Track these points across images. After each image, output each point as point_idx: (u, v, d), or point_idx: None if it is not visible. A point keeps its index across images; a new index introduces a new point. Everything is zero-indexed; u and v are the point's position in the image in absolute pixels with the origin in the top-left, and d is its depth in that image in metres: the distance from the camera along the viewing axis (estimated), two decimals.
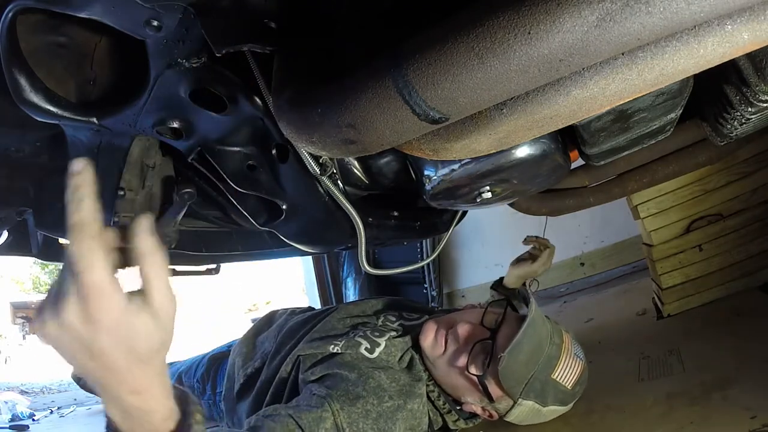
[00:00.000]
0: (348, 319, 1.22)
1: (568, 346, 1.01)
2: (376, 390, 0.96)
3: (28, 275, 15.40)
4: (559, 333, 1.02)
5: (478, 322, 1.05)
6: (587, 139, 0.72)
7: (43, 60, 0.69)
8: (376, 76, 0.46)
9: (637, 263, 2.25)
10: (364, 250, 0.90)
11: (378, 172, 0.92)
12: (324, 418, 0.88)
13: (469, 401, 1.05)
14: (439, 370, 1.05)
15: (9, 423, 2.20)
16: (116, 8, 0.56)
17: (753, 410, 0.85)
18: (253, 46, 0.57)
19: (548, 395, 0.98)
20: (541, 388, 0.97)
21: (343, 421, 0.89)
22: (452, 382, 1.05)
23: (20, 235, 1.21)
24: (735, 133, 0.79)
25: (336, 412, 0.89)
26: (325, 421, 0.87)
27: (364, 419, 0.91)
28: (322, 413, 0.88)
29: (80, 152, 0.85)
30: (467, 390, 1.03)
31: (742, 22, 0.40)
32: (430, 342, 1.06)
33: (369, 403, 0.93)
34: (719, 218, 1.43)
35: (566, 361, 0.99)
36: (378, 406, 0.94)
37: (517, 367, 0.94)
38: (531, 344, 0.96)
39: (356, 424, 0.90)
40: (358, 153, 0.55)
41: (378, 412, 0.93)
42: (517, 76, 0.41)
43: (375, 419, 0.92)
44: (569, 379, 0.99)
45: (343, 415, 0.89)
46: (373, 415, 0.92)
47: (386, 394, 0.96)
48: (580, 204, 1.17)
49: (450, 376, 1.04)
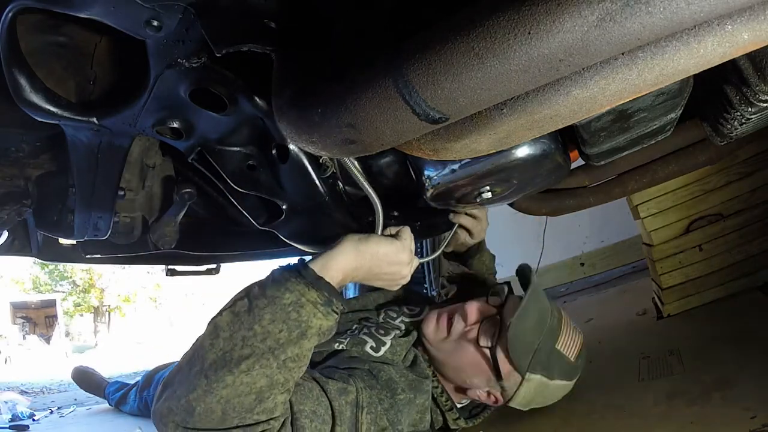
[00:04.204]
0: (350, 314, 1.22)
1: (567, 319, 1.07)
2: (389, 383, 0.97)
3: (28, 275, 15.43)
4: (557, 308, 1.07)
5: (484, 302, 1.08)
6: (587, 139, 0.72)
7: (43, 60, 0.69)
8: (376, 76, 0.46)
9: (637, 263, 2.25)
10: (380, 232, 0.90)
11: (378, 172, 0.92)
12: (348, 391, 0.89)
13: (475, 383, 1.04)
14: (444, 353, 1.05)
15: (9, 423, 2.20)
16: (116, 8, 0.56)
17: (753, 410, 0.85)
18: (253, 46, 0.57)
19: (554, 367, 1.01)
20: (547, 359, 0.99)
21: (363, 399, 0.90)
22: (458, 362, 1.04)
23: (20, 235, 1.21)
24: (735, 133, 0.79)
25: (360, 390, 0.90)
26: (348, 394, 0.88)
27: (379, 404, 0.92)
28: (347, 386, 0.89)
29: (80, 152, 0.85)
30: (474, 370, 1.03)
31: (742, 22, 0.40)
32: (433, 328, 1.07)
33: (383, 393, 0.94)
34: (719, 218, 1.43)
35: (567, 331, 1.04)
36: (391, 397, 0.95)
37: (524, 335, 0.97)
38: (536, 312, 1.00)
39: (374, 406, 0.91)
40: (358, 153, 0.55)
41: (390, 403, 0.94)
42: (517, 76, 0.41)
43: (387, 409, 0.93)
44: (571, 350, 1.03)
45: (365, 395, 0.91)
46: (385, 404, 0.93)
47: (399, 387, 0.97)
48: (580, 204, 1.17)
49: (456, 355, 1.04)
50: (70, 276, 16.07)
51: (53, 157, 0.98)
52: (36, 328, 14.86)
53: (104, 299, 16.58)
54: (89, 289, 16.34)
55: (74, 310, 16.25)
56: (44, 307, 15.22)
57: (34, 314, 15.28)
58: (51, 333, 14.08)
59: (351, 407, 0.88)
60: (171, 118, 0.76)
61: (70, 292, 16.29)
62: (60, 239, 1.24)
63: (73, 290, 16.32)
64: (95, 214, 0.98)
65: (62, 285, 16.21)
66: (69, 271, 15.77)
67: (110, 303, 16.57)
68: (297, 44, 0.60)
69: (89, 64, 0.75)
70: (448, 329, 1.05)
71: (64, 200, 1.01)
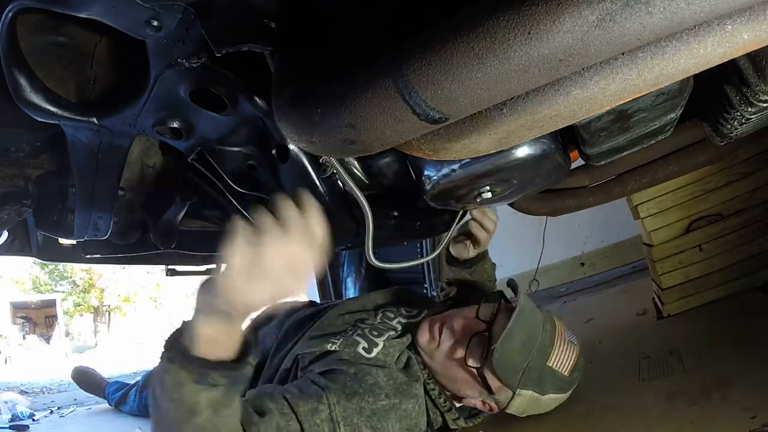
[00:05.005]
0: (347, 315, 1.22)
1: (561, 333, 1.02)
2: (373, 387, 0.96)
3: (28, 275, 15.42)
4: (551, 320, 1.03)
5: (473, 316, 1.06)
6: (587, 139, 0.72)
7: (43, 60, 0.69)
8: (376, 76, 0.46)
9: (637, 263, 2.25)
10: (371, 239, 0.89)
11: (378, 172, 0.92)
12: (320, 410, 0.88)
13: (469, 395, 1.04)
14: (438, 364, 1.05)
15: (9, 423, 2.20)
16: (116, 8, 0.56)
17: (753, 410, 0.85)
18: (253, 46, 0.57)
19: (546, 383, 0.99)
20: (538, 376, 0.98)
21: (338, 415, 0.89)
22: (451, 375, 1.04)
23: (20, 235, 1.21)
24: (735, 133, 0.79)
25: (332, 405, 0.90)
26: (320, 413, 0.88)
27: (358, 415, 0.91)
28: (319, 405, 0.89)
29: (80, 152, 0.85)
30: (466, 383, 1.03)
31: (742, 22, 0.40)
32: (426, 338, 1.07)
33: (364, 400, 0.93)
34: (719, 218, 1.43)
35: (561, 347, 1.00)
36: (373, 403, 0.94)
37: (511, 357, 0.95)
38: (522, 333, 0.97)
39: (350, 419, 0.90)
40: (358, 153, 0.55)
41: (372, 410, 0.93)
42: (517, 76, 0.41)
43: (369, 416, 0.92)
44: (565, 365, 1.00)
45: (339, 409, 0.90)
46: (367, 412, 0.92)
47: (382, 392, 0.96)
48: (580, 204, 1.17)
49: (448, 369, 1.04)
50: (70, 276, 16.06)
51: (53, 157, 0.98)
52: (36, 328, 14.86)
53: (104, 299, 16.56)
54: (89, 289, 16.33)
55: (74, 310, 16.24)
56: (44, 307, 15.21)
57: (34, 314, 15.28)
58: (51, 333, 14.07)
59: (327, 424, 0.88)
60: (171, 118, 0.76)
61: (70, 292, 16.28)
62: (60, 239, 1.24)
63: (73, 290, 16.31)
64: (95, 214, 0.98)
65: (62, 285, 16.20)
66: (69, 271, 15.76)
67: (110, 303, 16.55)
68: (297, 44, 0.60)
69: (89, 64, 0.75)
70: (438, 341, 1.05)
71: (64, 200, 1.01)
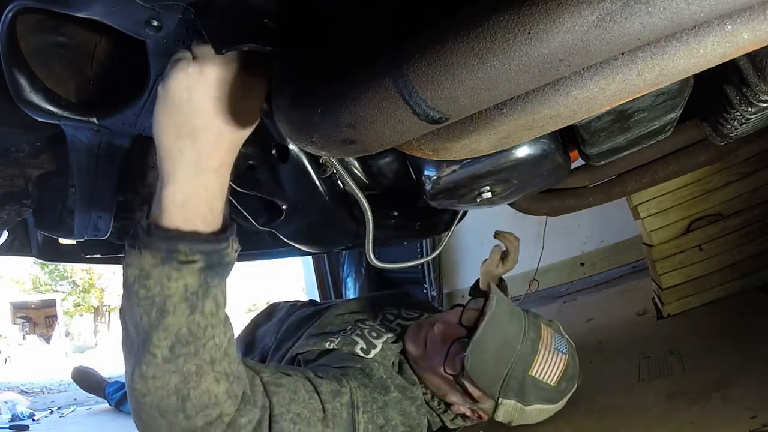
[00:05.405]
0: (347, 315, 1.22)
1: (546, 341, 0.98)
2: (381, 381, 0.96)
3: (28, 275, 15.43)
4: (536, 327, 0.99)
5: (456, 322, 1.04)
6: (587, 139, 0.72)
7: (43, 60, 0.69)
8: (376, 76, 0.46)
9: (637, 263, 2.25)
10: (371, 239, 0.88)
11: (378, 172, 0.92)
12: (342, 393, 0.87)
13: (455, 401, 1.04)
14: (423, 370, 1.05)
15: (9, 423, 2.20)
16: (116, 8, 0.56)
17: (753, 410, 0.85)
18: (253, 46, 0.57)
19: (529, 393, 0.96)
20: (519, 386, 0.95)
21: (358, 399, 0.89)
22: (434, 382, 1.04)
23: (20, 235, 1.21)
24: (735, 133, 0.79)
25: (353, 389, 0.89)
26: (342, 396, 0.87)
27: (373, 403, 0.91)
28: (341, 388, 0.88)
29: (80, 152, 0.85)
30: (450, 391, 1.02)
31: (742, 22, 0.40)
32: (413, 345, 1.06)
33: (376, 391, 0.94)
34: (719, 218, 1.43)
35: (544, 356, 0.96)
36: (385, 395, 0.94)
37: (485, 366, 0.93)
38: (495, 342, 0.94)
39: (368, 405, 0.90)
40: (358, 153, 0.55)
41: (384, 401, 0.93)
42: (517, 76, 0.41)
43: (381, 407, 0.92)
44: (551, 375, 0.96)
45: (359, 394, 0.89)
46: (379, 403, 0.93)
47: (391, 386, 0.97)
48: (580, 204, 1.17)
49: (432, 377, 1.03)
50: (70, 276, 16.07)
51: (53, 157, 0.98)
52: (36, 328, 14.86)
53: (104, 299, 16.57)
54: (89, 289, 16.34)
55: (74, 310, 16.25)
56: (44, 307, 15.22)
57: (34, 314, 15.28)
58: (51, 333, 14.08)
59: (347, 408, 0.87)
60: None
61: (70, 292, 16.29)
62: (60, 239, 1.24)
63: (73, 290, 16.32)
64: (95, 214, 0.98)
65: (62, 285, 16.21)
66: (69, 271, 15.77)
67: (110, 303, 16.55)
68: (297, 44, 0.60)
69: (89, 64, 0.74)
70: (424, 347, 1.04)
71: (64, 200, 1.01)
